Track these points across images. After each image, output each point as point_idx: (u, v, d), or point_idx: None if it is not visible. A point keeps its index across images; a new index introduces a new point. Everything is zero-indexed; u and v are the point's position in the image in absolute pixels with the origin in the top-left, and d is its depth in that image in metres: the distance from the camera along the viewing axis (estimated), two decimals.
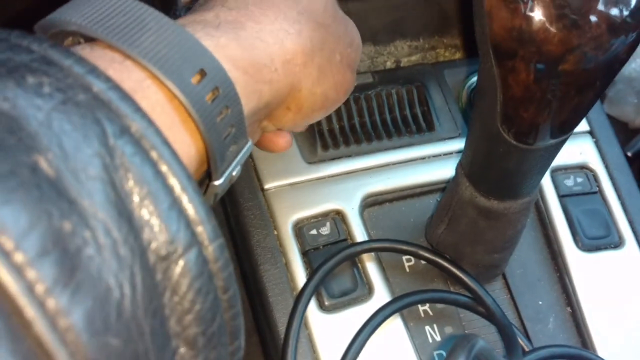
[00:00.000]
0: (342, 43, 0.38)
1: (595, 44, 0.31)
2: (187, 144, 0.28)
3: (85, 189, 0.22)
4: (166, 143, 0.24)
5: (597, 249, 0.50)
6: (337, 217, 0.49)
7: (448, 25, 0.68)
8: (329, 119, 0.52)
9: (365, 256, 0.48)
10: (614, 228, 0.51)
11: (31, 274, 0.19)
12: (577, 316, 0.48)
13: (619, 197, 0.52)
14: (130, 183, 0.23)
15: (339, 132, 0.52)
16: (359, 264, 0.47)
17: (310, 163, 0.51)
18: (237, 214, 0.48)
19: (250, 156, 0.50)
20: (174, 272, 0.24)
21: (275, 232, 0.48)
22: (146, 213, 0.23)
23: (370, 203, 0.50)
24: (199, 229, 0.24)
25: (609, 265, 0.50)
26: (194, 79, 0.28)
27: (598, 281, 0.49)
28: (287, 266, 0.47)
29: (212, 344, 0.25)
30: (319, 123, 0.52)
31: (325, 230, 0.48)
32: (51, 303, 0.19)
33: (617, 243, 0.51)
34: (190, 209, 0.24)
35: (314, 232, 0.48)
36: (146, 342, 0.22)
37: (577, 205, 0.52)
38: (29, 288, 0.19)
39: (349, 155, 0.51)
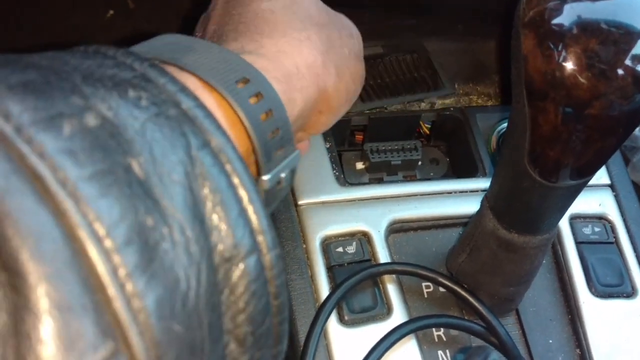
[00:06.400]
0: (344, 36, 0.40)
1: (621, 93, 0.34)
2: None
3: (168, 192, 0.24)
4: (240, 159, 0.27)
5: (610, 296, 0.52)
6: (363, 239, 0.52)
7: (483, 74, 0.72)
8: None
9: (386, 277, 0.50)
10: (628, 278, 0.53)
11: (116, 258, 0.22)
12: (586, 358, 0.50)
13: (635, 249, 0.54)
14: (206, 190, 0.26)
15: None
16: (380, 284, 0.50)
17: (343, 185, 0.54)
18: None
19: None
20: (234, 274, 0.26)
21: (304, 246, 0.50)
22: (216, 218, 0.26)
23: (396, 229, 0.53)
24: (260, 237, 0.27)
25: (619, 313, 0.51)
26: (239, 85, 0.31)
27: (608, 327, 0.51)
28: (312, 278, 0.49)
29: (259, 345, 0.28)
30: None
31: (351, 249, 0.51)
32: (129, 286, 0.22)
33: (629, 293, 0.52)
34: (254, 219, 0.27)
35: (340, 249, 0.51)
36: (203, 333, 0.24)
37: (593, 253, 0.54)
38: (114, 271, 0.22)
39: (380, 181, 0.54)
